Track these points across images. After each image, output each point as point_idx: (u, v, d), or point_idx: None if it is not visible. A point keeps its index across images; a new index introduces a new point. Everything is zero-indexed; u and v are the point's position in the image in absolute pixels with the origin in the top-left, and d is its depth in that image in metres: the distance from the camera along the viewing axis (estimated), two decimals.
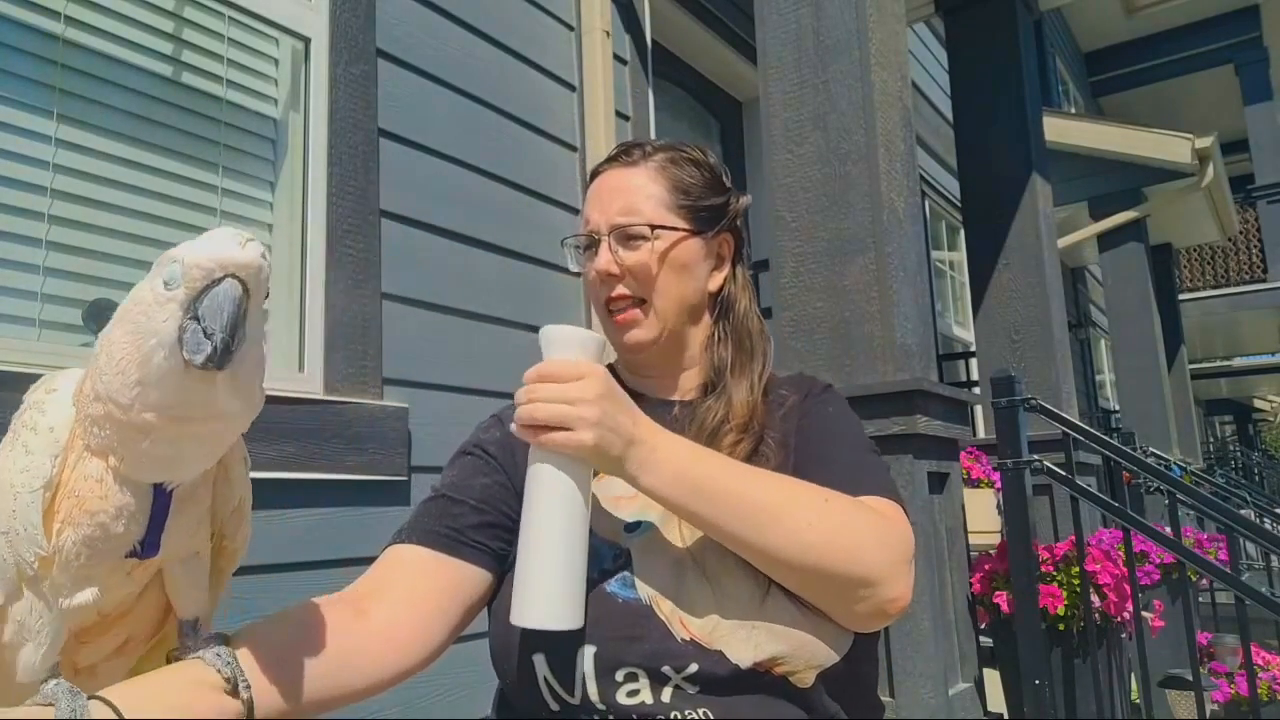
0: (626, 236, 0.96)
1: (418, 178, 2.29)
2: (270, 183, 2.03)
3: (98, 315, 1.70)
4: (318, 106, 2.07)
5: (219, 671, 0.63)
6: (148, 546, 0.64)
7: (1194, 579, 3.48)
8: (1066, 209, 6.81)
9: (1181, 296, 9.58)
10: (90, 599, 0.63)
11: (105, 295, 1.71)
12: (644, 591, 0.85)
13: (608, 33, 2.88)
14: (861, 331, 2.01)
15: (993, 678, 2.37)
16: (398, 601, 0.84)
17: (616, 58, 2.97)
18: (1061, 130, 6.47)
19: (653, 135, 3.12)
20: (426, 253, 2.28)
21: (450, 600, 0.87)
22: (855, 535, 0.81)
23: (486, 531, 0.91)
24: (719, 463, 0.84)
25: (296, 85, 2.08)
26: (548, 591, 0.77)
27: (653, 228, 0.96)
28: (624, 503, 0.90)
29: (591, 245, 0.99)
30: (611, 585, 0.86)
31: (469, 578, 0.89)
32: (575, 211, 2.77)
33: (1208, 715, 2.35)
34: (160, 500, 0.64)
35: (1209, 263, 11.34)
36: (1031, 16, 3.80)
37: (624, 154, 1.01)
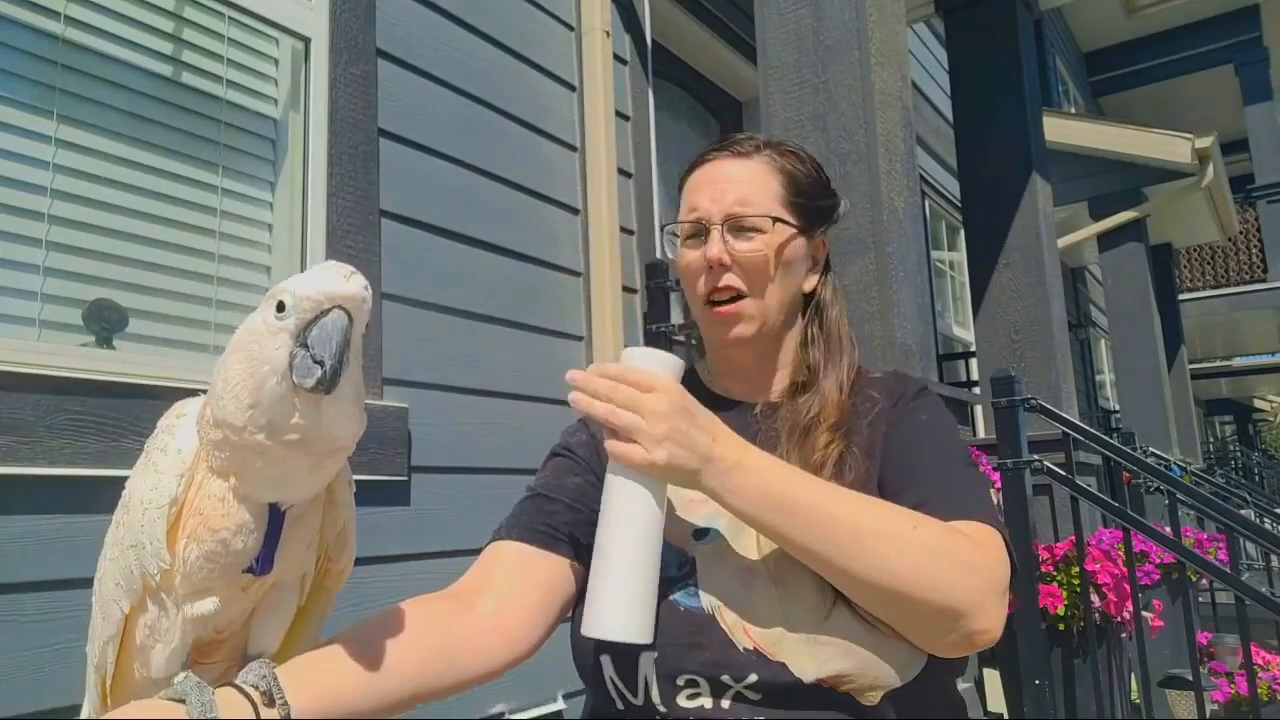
0: (740, 227, 0.94)
1: (418, 178, 2.29)
2: (270, 183, 2.03)
3: (98, 315, 1.70)
4: (318, 106, 2.07)
5: (256, 687, 0.67)
6: (263, 562, 0.70)
7: (1194, 579, 3.48)
8: (1066, 209, 6.81)
9: (1181, 296, 9.59)
10: (211, 608, 0.69)
11: (105, 295, 1.71)
12: (707, 601, 0.85)
13: (608, 33, 2.88)
14: (861, 331, 2.01)
15: (993, 678, 2.37)
16: (502, 595, 0.88)
17: (616, 58, 2.97)
18: (1061, 130, 6.46)
19: (653, 135, 3.12)
20: (426, 253, 2.28)
21: (549, 593, 0.90)
22: (944, 564, 0.78)
23: (581, 528, 0.92)
24: (804, 480, 0.82)
25: (296, 85, 2.08)
26: (618, 604, 0.78)
27: (773, 220, 0.95)
28: (696, 506, 0.90)
29: (697, 234, 0.97)
30: (675, 593, 0.86)
31: (566, 572, 0.92)
32: (575, 211, 2.77)
33: (1208, 715, 2.35)
34: (275, 520, 0.69)
35: (1209, 263, 11.34)
36: (1031, 16, 3.80)
37: (734, 144, 0.99)
